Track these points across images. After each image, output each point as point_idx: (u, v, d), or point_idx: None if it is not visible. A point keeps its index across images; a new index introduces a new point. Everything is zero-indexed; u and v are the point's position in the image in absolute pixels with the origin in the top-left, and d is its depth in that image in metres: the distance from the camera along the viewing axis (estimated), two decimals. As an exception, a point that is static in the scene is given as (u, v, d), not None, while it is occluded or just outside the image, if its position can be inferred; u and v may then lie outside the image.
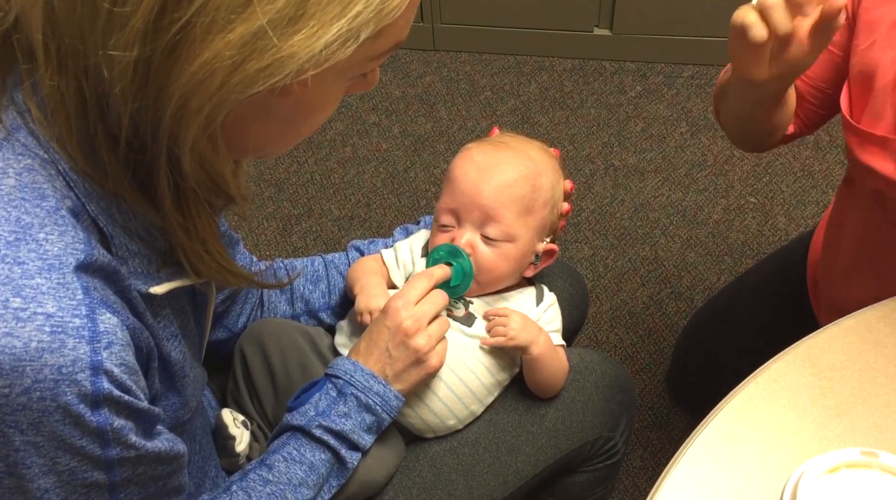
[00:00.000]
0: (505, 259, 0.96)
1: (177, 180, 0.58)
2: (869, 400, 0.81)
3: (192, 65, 0.51)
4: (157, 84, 0.52)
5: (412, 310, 0.88)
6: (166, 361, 0.68)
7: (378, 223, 2.00)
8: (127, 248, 0.61)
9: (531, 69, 2.37)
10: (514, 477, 0.98)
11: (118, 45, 0.51)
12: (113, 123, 0.56)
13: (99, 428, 0.56)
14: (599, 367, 1.05)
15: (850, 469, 0.68)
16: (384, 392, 0.87)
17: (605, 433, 1.04)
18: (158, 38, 0.50)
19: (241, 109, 0.55)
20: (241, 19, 0.50)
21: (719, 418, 0.81)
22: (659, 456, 1.58)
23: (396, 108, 2.28)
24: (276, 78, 0.52)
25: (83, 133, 0.57)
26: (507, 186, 0.94)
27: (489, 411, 1.00)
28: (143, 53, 0.51)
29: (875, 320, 0.88)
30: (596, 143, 2.16)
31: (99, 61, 0.52)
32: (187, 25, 0.50)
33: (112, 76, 0.52)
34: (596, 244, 1.93)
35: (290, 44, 0.51)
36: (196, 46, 0.50)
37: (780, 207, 1.99)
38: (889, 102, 0.93)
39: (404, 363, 0.87)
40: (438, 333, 0.90)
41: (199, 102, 0.52)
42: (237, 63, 0.51)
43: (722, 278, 1.85)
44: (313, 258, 1.07)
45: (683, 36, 2.29)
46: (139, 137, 0.56)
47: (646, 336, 1.77)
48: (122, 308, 0.59)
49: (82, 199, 0.58)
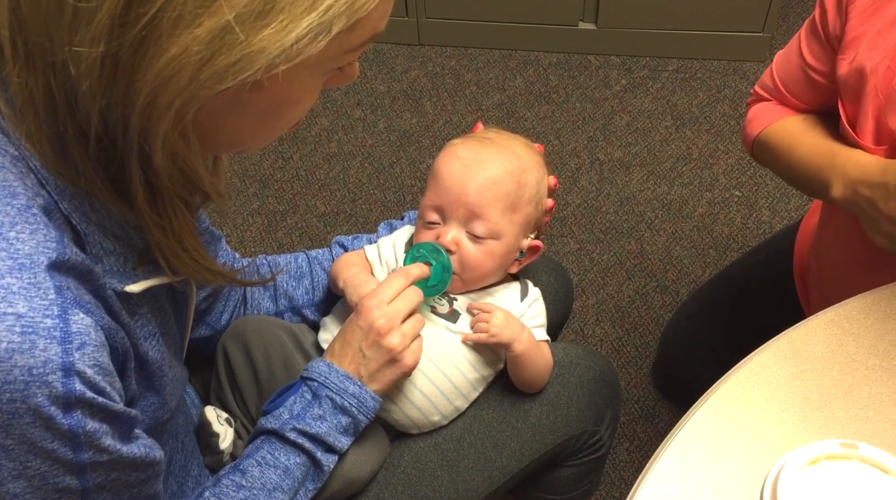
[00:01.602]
0: (490, 256, 0.96)
1: (149, 177, 0.58)
2: (850, 392, 0.82)
3: (160, 60, 0.50)
4: (125, 80, 0.51)
5: (385, 309, 0.86)
6: (144, 360, 0.67)
7: (364, 219, 2.00)
8: (101, 246, 0.60)
9: (516, 64, 2.37)
10: (499, 473, 0.98)
11: (84, 41, 0.50)
12: (82, 120, 0.55)
13: (71, 431, 0.55)
14: (584, 361, 1.05)
15: (831, 461, 0.68)
16: (360, 394, 0.85)
17: (590, 427, 1.04)
18: (125, 33, 0.50)
19: (213, 103, 0.54)
20: (209, 14, 0.49)
21: (702, 411, 0.81)
22: (645, 449, 1.59)
23: (382, 103, 2.27)
24: (246, 73, 0.51)
25: (53, 130, 0.56)
26: (493, 182, 0.94)
27: (474, 407, 1.00)
28: (110, 49, 0.50)
29: (856, 312, 0.88)
30: (581, 137, 2.16)
31: (66, 58, 0.52)
32: (154, 20, 0.49)
33: (79, 73, 0.52)
34: (582, 238, 1.94)
35: (259, 38, 0.50)
36: (163, 42, 0.50)
37: (764, 201, 2.00)
38: (870, 111, 0.94)
39: (378, 363, 0.86)
40: (413, 331, 0.88)
41: (168, 97, 0.52)
42: (205, 58, 0.50)
43: (707, 271, 1.86)
44: (297, 255, 1.06)
45: (668, 30, 2.29)
46: (109, 134, 0.56)
47: (632, 330, 1.77)
48: (96, 308, 0.58)
49: (55, 196, 0.57)
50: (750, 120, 1.13)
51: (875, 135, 0.95)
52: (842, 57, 0.97)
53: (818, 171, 0.99)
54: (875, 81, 0.93)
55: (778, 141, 1.07)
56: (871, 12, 0.93)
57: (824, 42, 1.01)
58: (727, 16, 2.23)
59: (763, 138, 1.10)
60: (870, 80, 0.93)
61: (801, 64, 1.05)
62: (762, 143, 1.10)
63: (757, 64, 2.32)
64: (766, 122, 1.10)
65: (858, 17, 0.94)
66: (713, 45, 2.30)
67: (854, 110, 0.97)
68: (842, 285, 1.12)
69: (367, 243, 1.05)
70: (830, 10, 0.98)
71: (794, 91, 1.08)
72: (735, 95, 2.25)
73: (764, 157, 1.12)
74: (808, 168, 1.02)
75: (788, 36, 2.37)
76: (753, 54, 2.31)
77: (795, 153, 1.04)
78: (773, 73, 1.10)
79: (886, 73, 0.92)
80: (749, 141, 1.13)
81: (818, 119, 1.07)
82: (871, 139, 0.95)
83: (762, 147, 1.10)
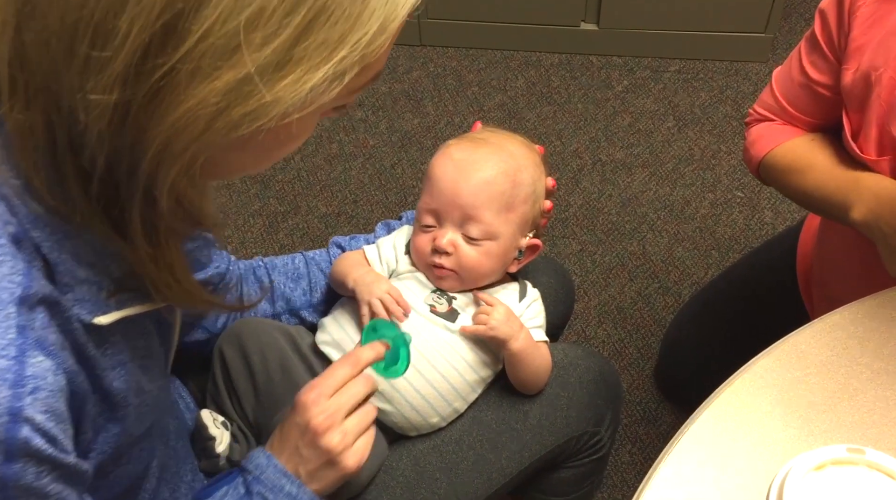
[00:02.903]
0: (488, 257, 0.95)
1: (150, 216, 0.56)
2: (855, 396, 0.81)
3: (176, 111, 0.49)
4: (137, 128, 0.50)
5: (324, 405, 0.79)
6: (107, 393, 0.63)
7: (365, 220, 1.99)
8: (73, 275, 0.57)
9: (518, 64, 2.36)
10: (498, 475, 0.97)
11: (96, 88, 0.48)
12: (86, 161, 0.53)
13: (4, 480, 0.52)
14: (583, 362, 1.04)
15: (837, 466, 0.67)
16: (297, 494, 0.78)
17: (590, 428, 1.03)
18: (140, 83, 0.48)
19: (219, 145, 0.53)
20: (228, 66, 0.48)
21: (706, 414, 0.80)
22: (647, 451, 1.58)
23: (383, 103, 2.27)
24: (260, 122, 0.50)
25: (51, 168, 0.54)
26: (486, 183, 0.94)
27: (473, 409, 0.99)
28: (123, 97, 0.48)
29: (861, 316, 0.88)
30: (583, 138, 2.16)
31: (74, 103, 0.50)
32: (171, 72, 0.48)
33: (89, 118, 0.50)
34: (584, 239, 1.93)
35: (276, 89, 0.49)
36: (180, 93, 0.48)
37: (766, 202, 1.99)
38: (874, 120, 0.93)
39: (316, 464, 0.79)
40: (357, 428, 0.80)
41: (181, 145, 0.50)
42: (221, 109, 0.49)
43: (709, 272, 1.85)
44: (294, 256, 1.06)
45: (670, 30, 2.28)
46: (113, 176, 0.54)
47: (634, 331, 1.77)
48: (60, 349, 0.56)
49: (25, 224, 0.55)
50: (753, 142, 1.12)
51: (878, 145, 0.95)
52: (845, 67, 0.96)
53: (837, 194, 0.99)
54: (879, 90, 0.92)
55: (787, 163, 1.06)
56: (873, 22, 0.93)
57: (827, 55, 1.00)
58: (729, 16, 2.22)
59: (770, 160, 1.09)
60: (874, 89, 0.93)
61: (804, 80, 1.04)
62: (770, 165, 1.09)
63: (759, 65, 2.31)
64: (771, 143, 1.09)
65: (861, 28, 0.94)
66: (715, 45, 2.29)
67: (858, 120, 0.97)
68: (845, 284, 1.12)
69: (365, 244, 1.04)
70: (832, 22, 0.98)
71: (799, 107, 1.07)
72: (737, 95, 2.24)
73: (772, 179, 1.11)
74: (825, 191, 1.01)
75: (791, 37, 2.36)
76: (756, 55, 2.30)
77: (810, 176, 1.03)
78: (775, 91, 1.09)
79: (889, 82, 0.92)
80: (754, 163, 1.12)
81: (825, 140, 1.06)
82: (874, 150, 0.95)
83: (770, 169, 1.09)
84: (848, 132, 0.98)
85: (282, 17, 0.48)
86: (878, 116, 0.93)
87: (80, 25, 0.47)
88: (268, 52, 0.48)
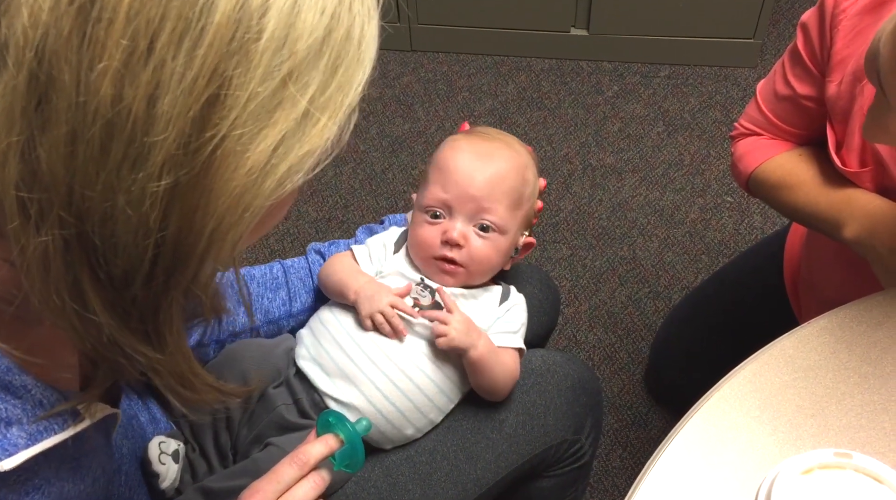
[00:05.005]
0: (496, 251, 0.95)
1: (182, 314, 0.51)
2: (843, 400, 0.82)
3: (231, 181, 0.47)
4: (184, 212, 0.47)
5: None
6: None
7: (356, 225, 1.99)
8: None
9: (508, 70, 2.37)
10: (473, 485, 0.95)
11: (142, 179, 0.45)
12: (113, 267, 0.48)
13: None
14: (562, 368, 1.02)
15: (825, 470, 0.68)
16: None
17: (569, 436, 1.01)
18: (190, 161, 0.46)
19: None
20: (272, 123, 0.47)
21: (695, 419, 0.81)
22: (638, 456, 1.59)
23: (374, 108, 2.27)
24: (299, 175, 0.50)
25: (73, 289, 0.49)
26: (502, 177, 0.94)
27: (448, 418, 0.97)
28: (172, 181, 0.46)
29: (848, 320, 0.88)
30: (573, 143, 2.16)
31: (111, 207, 0.46)
32: (222, 141, 0.46)
33: (139, 212, 0.46)
34: (574, 244, 1.94)
35: (308, 138, 0.49)
36: (231, 161, 0.46)
37: (756, 206, 2.00)
38: (857, 131, 0.94)
39: None
40: None
41: (231, 221, 0.48)
42: (268, 169, 0.48)
43: (699, 276, 1.86)
44: (272, 265, 1.03)
45: (660, 36, 2.29)
46: (147, 279, 0.49)
47: (624, 336, 1.77)
48: None
49: None
50: (741, 157, 1.12)
51: (860, 156, 0.96)
52: (829, 79, 0.97)
53: (829, 212, 0.99)
54: (861, 102, 0.93)
55: (777, 179, 1.07)
56: (856, 34, 0.94)
57: (810, 68, 1.01)
58: (718, 22, 2.23)
59: (760, 176, 1.09)
60: (857, 100, 0.94)
61: (788, 93, 1.05)
62: (759, 180, 1.10)
63: (748, 70, 2.32)
64: (759, 159, 1.09)
65: (843, 40, 0.95)
66: (705, 51, 2.31)
67: (842, 131, 0.97)
68: (833, 287, 1.12)
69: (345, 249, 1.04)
70: (814, 35, 0.98)
71: (786, 119, 1.08)
72: (726, 101, 2.26)
73: (761, 193, 1.11)
74: (816, 208, 1.01)
75: (779, 42, 2.38)
76: (745, 60, 2.32)
77: (800, 192, 1.04)
78: (760, 105, 1.09)
79: (872, 94, 0.93)
80: (743, 178, 1.12)
81: (814, 155, 1.06)
82: (856, 162, 0.96)
83: (759, 184, 1.10)
84: (832, 144, 0.98)
85: (313, 64, 0.48)
86: (861, 127, 0.94)
87: (118, 121, 0.44)
88: (303, 102, 0.48)
